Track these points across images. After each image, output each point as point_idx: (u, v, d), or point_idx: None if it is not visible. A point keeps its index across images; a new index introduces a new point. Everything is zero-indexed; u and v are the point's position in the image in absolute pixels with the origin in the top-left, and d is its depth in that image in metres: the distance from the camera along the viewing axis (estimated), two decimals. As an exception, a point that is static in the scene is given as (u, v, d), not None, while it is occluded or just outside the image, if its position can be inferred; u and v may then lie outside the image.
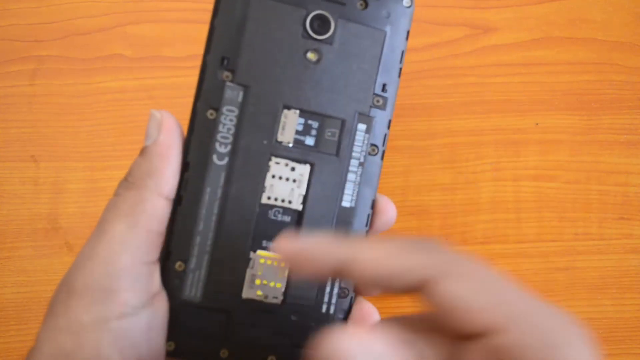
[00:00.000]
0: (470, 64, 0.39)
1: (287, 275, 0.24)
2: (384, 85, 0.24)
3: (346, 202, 0.24)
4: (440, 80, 0.38)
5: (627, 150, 0.38)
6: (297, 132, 0.24)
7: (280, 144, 0.24)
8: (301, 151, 0.24)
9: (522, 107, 0.38)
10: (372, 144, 0.24)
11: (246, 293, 0.23)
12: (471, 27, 0.39)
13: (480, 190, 0.38)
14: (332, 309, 0.24)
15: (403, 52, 0.25)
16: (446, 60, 0.39)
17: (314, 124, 0.24)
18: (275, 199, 0.24)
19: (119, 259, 0.20)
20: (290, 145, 0.24)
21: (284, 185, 0.24)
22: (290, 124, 0.24)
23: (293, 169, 0.24)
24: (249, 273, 0.23)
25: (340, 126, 0.24)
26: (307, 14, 0.23)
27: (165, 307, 0.22)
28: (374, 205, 0.25)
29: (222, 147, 0.23)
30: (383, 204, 0.25)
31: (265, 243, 0.24)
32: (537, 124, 0.38)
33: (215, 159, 0.23)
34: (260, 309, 0.23)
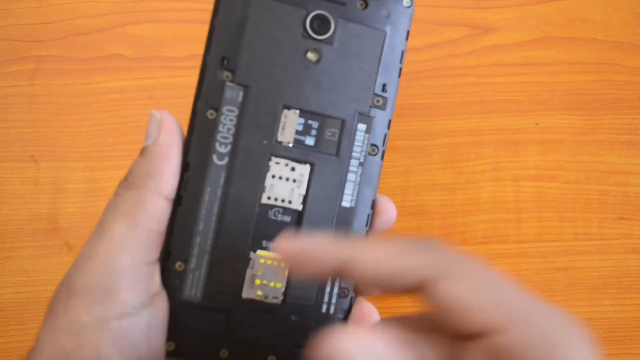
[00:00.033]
0: (470, 64, 0.39)
1: (287, 275, 0.24)
2: (384, 85, 0.24)
3: (346, 202, 0.24)
4: (440, 80, 0.38)
5: (627, 150, 0.38)
6: (297, 132, 0.24)
7: (280, 144, 0.23)
8: (301, 151, 0.24)
9: (522, 107, 0.38)
10: (372, 144, 0.24)
11: (246, 293, 0.23)
12: (471, 27, 0.39)
13: (480, 190, 0.38)
14: (332, 309, 0.24)
15: (403, 52, 0.25)
16: (446, 60, 0.39)
17: (314, 124, 0.24)
18: (275, 199, 0.24)
19: (119, 259, 0.20)
20: (290, 145, 0.24)
21: (284, 185, 0.24)
22: (290, 124, 0.24)
23: (293, 169, 0.24)
24: (249, 273, 0.23)
25: (340, 126, 0.24)
26: (307, 14, 0.23)
27: (165, 307, 0.22)
28: (374, 205, 0.25)
29: (222, 147, 0.23)
30: (383, 204, 0.25)
31: (265, 243, 0.24)
32: (537, 124, 0.38)
33: (215, 159, 0.23)
34: (260, 309, 0.23)
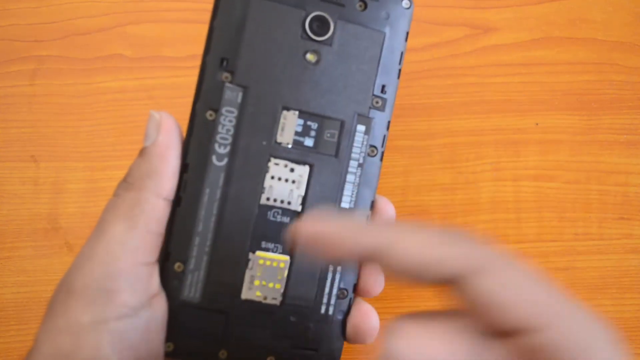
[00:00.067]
0: (470, 64, 0.39)
1: (287, 276, 0.24)
2: (383, 86, 0.24)
3: (345, 203, 0.24)
4: (440, 80, 0.38)
5: (627, 150, 0.38)
6: (297, 133, 0.24)
7: (279, 145, 0.23)
8: (300, 152, 0.24)
9: (522, 107, 0.38)
10: (371, 145, 0.24)
11: (245, 294, 0.23)
12: (471, 27, 0.39)
13: (480, 190, 0.37)
14: (331, 310, 0.24)
15: (402, 54, 0.24)
16: (446, 60, 0.39)
17: (313, 125, 0.24)
18: (275, 200, 0.24)
19: (118, 260, 0.20)
20: (290, 146, 0.24)
21: (283, 186, 0.24)
22: (289, 125, 0.23)
23: (292, 170, 0.24)
24: (248, 274, 0.23)
25: (339, 127, 0.24)
26: (307, 15, 0.23)
27: (164, 308, 0.22)
28: (373, 206, 0.25)
29: (222, 148, 0.23)
30: (382, 204, 0.25)
31: (264, 244, 0.24)
32: (537, 124, 0.38)
33: (214, 159, 0.23)
34: (259, 310, 0.23)
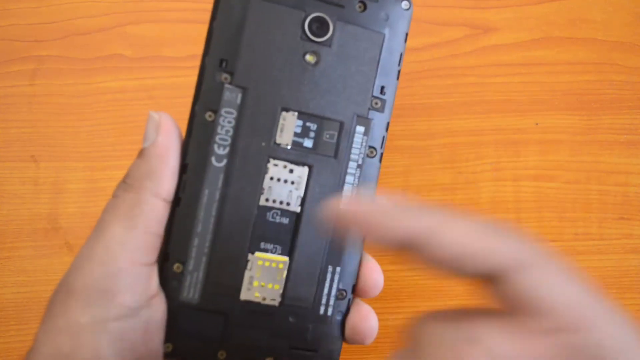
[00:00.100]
0: (470, 64, 0.39)
1: (286, 276, 0.24)
2: (383, 87, 0.24)
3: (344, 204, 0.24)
4: (440, 80, 0.38)
5: (627, 150, 0.38)
6: (296, 134, 0.24)
7: (278, 146, 0.23)
8: (299, 153, 0.24)
9: (522, 107, 0.38)
10: (371, 146, 0.24)
11: (244, 295, 0.23)
12: (471, 27, 0.39)
13: (480, 190, 0.37)
14: (330, 311, 0.24)
15: (402, 55, 0.24)
16: (446, 60, 0.39)
17: (313, 126, 0.24)
18: (274, 201, 0.24)
19: (117, 260, 0.20)
20: (289, 147, 0.24)
21: (282, 187, 0.24)
22: (288, 126, 0.23)
23: (291, 171, 0.24)
24: (247, 275, 0.23)
25: (338, 128, 0.24)
26: (306, 16, 0.23)
27: (163, 309, 0.22)
28: None
29: (221, 149, 0.23)
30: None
31: (263, 245, 0.24)
32: (537, 124, 0.38)
33: (213, 160, 0.23)
34: (258, 311, 0.23)
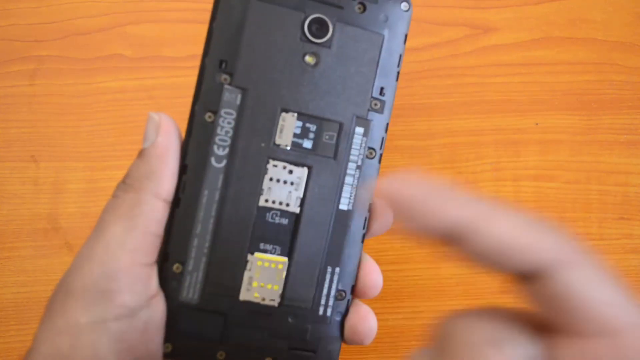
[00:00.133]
0: (470, 64, 0.39)
1: (285, 277, 0.24)
2: (382, 88, 0.24)
3: (343, 205, 0.24)
4: (440, 80, 0.38)
5: (627, 150, 0.38)
6: (295, 135, 0.24)
7: (278, 146, 0.23)
8: (299, 154, 0.24)
9: (522, 107, 0.38)
10: (370, 147, 0.24)
11: (243, 295, 0.23)
12: (471, 27, 0.39)
13: (480, 190, 0.37)
14: (329, 312, 0.24)
15: (401, 56, 0.24)
16: (446, 60, 0.39)
17: (312, 127, 0.24)
18: (273, 202, 0.24)
19: (116, 261, 0.20)
20: (288, 148, 0.24)
21: (281, 188, 0.24)
22: (288, 127, 0.23)
23: (291, 171, 0.24)
24: (247, 275, 0.23)
25: (338, 129, 0.24)
26: (306, 18, 0.23)
27: (162, 309, 0.22)
28: (371, 208, 0.25)
29: (220, 150, 0.23)
30: (380, 206, 0.25)
31: (262, 245, 0.24)
32: (537, 124, 0.38)
33: (213, 161, 0.23)
34: (257, 311, 0.23)
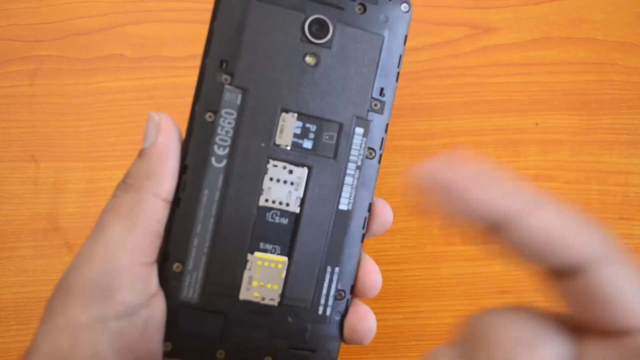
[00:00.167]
0: (470, 64, 0.39)
1: (285, 277, 0.24)
2: (382, 89, 0.24)
3: (343, 205, 0.24)
4: (440, 80, 0.38)
5: (627, 150, 0.38)
6: (295, 135, 0.24)
7: (278, 146, 0.24)
8: (299, 154, 0.24)
9: (522, 107, 0.38)
10: (370, 148, 0.24)
11: (243, 294, 0.23)
12: (471, 27, 0.39)
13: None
14: (329, 311, 0.24)
15: (401, 57, 0.24)
16: (446, 60, 0.39)
17: (312, 127, 0.24)
18: (273, 202, 0.24)
19: (117, 260, 0.21)
20: (288, 148, 0.24)
21: (281, 187, 0.24)
22: (288, 127, 0.24)
23: (291, 171, 0.24)
24: (246, 275, 0.23)
25: (338, 130, 0.24)
26: (306, 18, 0.23)
27: (162, 308, 0.22)
28: (370, 208, 0.25)
29: (221, 150, 0.23)
30: (380, 206, 0.25)
31: (262, 245, 0.24)
32: (537, 124, 0.38)
33: (213, 161, 0.23)
34: (257, 311, 0.23)
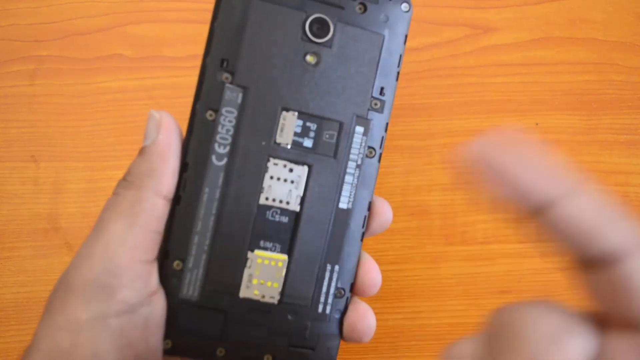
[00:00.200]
0: (470, 64, 0.39)
1: (285, 275, 0.24)
2: (382, 88, 0.24)
3: (343, 204, 0.24)
4: (440, 80, 0.38)
5: (627, 150, 0.38)
6: (296, 134, 0.24)
7: (278, 145, 0.24)
8: (299, 153, 0.24)
9: (522, 107, 0.38)
10: (370, 147, 0.24)
11: (243, 292, 0.23)
12: (471, 27, 0.39)
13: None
14: (328, 309, 0.24)
15: (401, 56, 0.25)
16: (446, 60, 0.39)
17: (312, 126, 0.24)
18: (273, 200, 0.24)
19: (117, 258, 0.21)
20: (289, 146, 0.24)
21: (281, 186, 0.24)
22: (288, 125, 0.24)
23: (291, 170, 0.24)
24: (247, 273, 0.23)
25: (338, 128, 0.24)
26: (307, 17, 0.23)
27: (163, 306, 0.22)
28: (370, 207, 0.25)
29: (221, 148, 0.23)
30: (379, 205, 0.25)
31: (263, 243, 0.24)
32: (537, 124, 0.38)
33: (214, 159, 0.23)
34: (257, 309, 0.23)
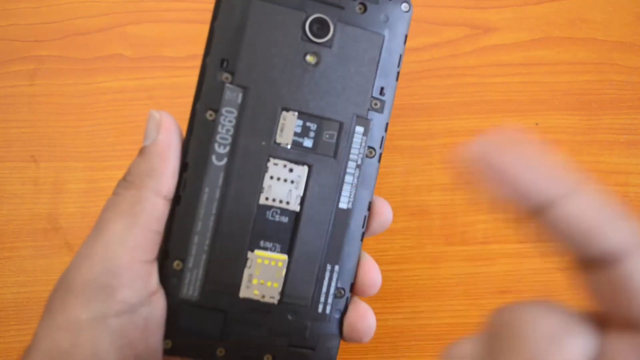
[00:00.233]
0: (470, 64, 0.39)
1: (285, 275, 0.24)
2: (382, 88, 0.24)
3: (343, 204, 0.24)
4: (440, 80, 0.38)
5: (627, 150, 0.38)
6: (296, 134, 0.24)
7: (278, 145, 0.24)
8: (299, 153, 0.24)
9: (522, 107, 0.38)
10: (370, 147, 0.24)
11: (243, 292, 0.23)
12: (471, 27, 0.39)
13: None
14: (328, 309, 0.24)
15: (401, 56, 0.25)
16: (446, 60, 0.39)
17: (312, 126, 0.24)
18: (273, 200, 0.24)
19: (117, 257, 0.21)
20: (289, 146, 0.24)
21: (281, 186, 0.24)
22: (288, 125, 0.24)
23: (291, 170, 0.24)
24: (247, 273, 0.23)
25: (338, 128, 0.24)
26: (307, 17, 0.23)
27: (163, 306, 0.22)
28: (370, 207, 0.25)
29: (221, 148, 0.23)
30: (379, 205, 0.25)
31: (263, 243, 0.24)
32: (537, 124, 0.38)
33: (214, 159, 0.23)
34: (257, 309, 0.24)
